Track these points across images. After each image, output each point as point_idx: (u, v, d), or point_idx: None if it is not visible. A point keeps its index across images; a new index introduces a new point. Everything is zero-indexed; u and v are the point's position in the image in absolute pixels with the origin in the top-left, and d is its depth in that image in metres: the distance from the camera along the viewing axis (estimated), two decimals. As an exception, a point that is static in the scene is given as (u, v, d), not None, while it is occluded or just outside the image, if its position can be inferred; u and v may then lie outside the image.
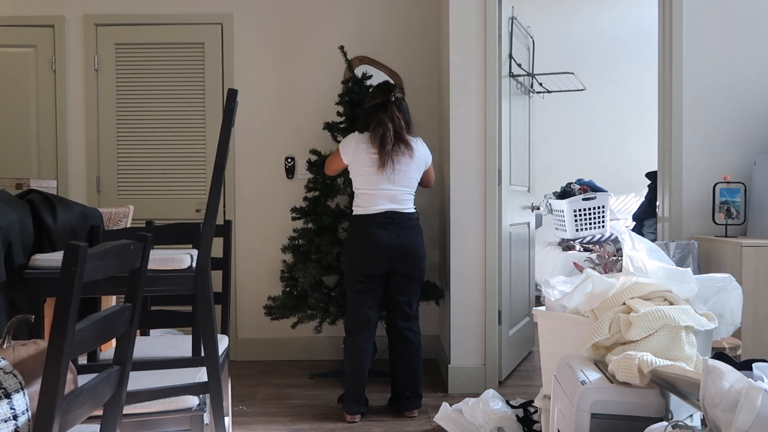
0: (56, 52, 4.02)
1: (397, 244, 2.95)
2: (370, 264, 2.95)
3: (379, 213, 2.96)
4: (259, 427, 2.91)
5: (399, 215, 2.99)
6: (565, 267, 4.02)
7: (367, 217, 2.98)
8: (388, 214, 2.96)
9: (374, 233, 2.94)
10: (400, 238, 2.96)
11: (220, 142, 1.89)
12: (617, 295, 1.95)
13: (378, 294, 3.04)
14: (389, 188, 2.97)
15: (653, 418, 1.58)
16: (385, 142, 2.93)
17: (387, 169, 2.94)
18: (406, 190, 3.03)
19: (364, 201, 3.00)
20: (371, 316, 3.03)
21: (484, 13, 3.36)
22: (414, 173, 3.04)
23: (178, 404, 1.85)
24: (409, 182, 3.03)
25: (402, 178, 2.98)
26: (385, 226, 2.96)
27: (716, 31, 3.18)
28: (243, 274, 4.08)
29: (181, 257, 1.93)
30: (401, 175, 2.98)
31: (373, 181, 2.97)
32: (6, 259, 1.89)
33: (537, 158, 4.71)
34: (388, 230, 2.96)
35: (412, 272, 3.02)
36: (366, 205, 2.99)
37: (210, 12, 4.05)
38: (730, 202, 3.03)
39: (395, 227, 2.97)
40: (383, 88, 3.08)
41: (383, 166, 2.93)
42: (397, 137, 2.96)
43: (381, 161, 2.93)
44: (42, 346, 1.33)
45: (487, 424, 2.59)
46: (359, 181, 3.02)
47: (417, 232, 3.03)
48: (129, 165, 4.05)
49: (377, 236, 2.94)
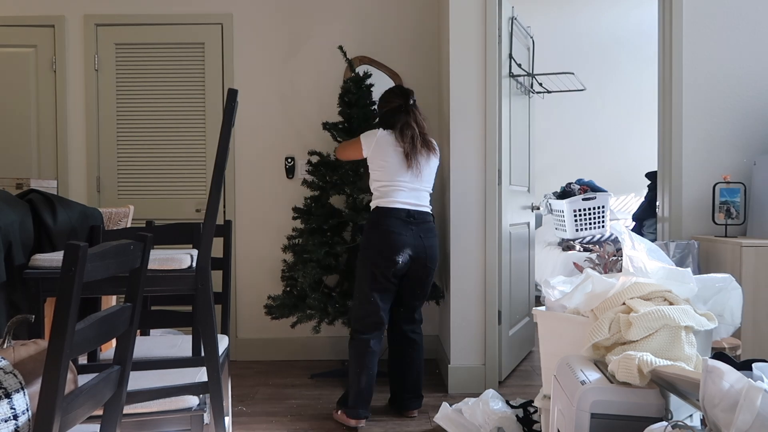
0: (56, 52, 4.02)
1: (419, 245, 2.93)
2: (394, 263, 2.89)
3: (402, 209, 2.92)
4: (259, 427, 2.91)
5: (420, 214, 2.96)
6: (565, 267, 4.02)
7: (389, 212, 2.92)
8: (411, 213, 2.93)
9: (398, 232, 2.89)
10: (422, 239, 2.94)
11: (220, 142, 1.89)
12: (617, 295, 1.95)
13: (393, 296, 3.00)
14: (411, 183, 2.96)
15: (653, 418, 1.58)
16: (415, 142, 2.96)
17: (413, 168, 2.95)
18: (426, 187, 3.04)
19: (384, 193, 2.96)
20: (385, 319, 2.98)
21: (484, 13, 3.36)
22: (433, 174, 3.08)
23: (178, 404, 1.85)
24: (429, 181, 3.05)
25: (425, 176, 3.00)
26: (408, 225, 2.92)
27: (716, 31, 3.18)
28: (243, 274, 4.08)
29: (181, 257, 1.93)
30: (424, 174, 3.00)
31: (394, 174, 2.95)
32: (6, 259, 1.89)
33: (537, 158, 4.71)
34: (410, 229, 2.92)
35: (427, 276, 3.01)
36: (387, 197, 2.95)
37: (210, 12, 4.05)
38: (730, 202, 3.04)
39: (417, 227, 2.94)
40: (400, 92, 3.09)
41: (411, 164, 2.94)
42: (423, 138, 3.00)
43: (409, 160, 2.94)
44: (42, 346, 1.33)
45: (487, 424, 2.59)
46: (380, 174, 2.99)
47: (435, 234, 3.04)
48: (129, 165, 4.05)
49: (402, 235, 2.89)
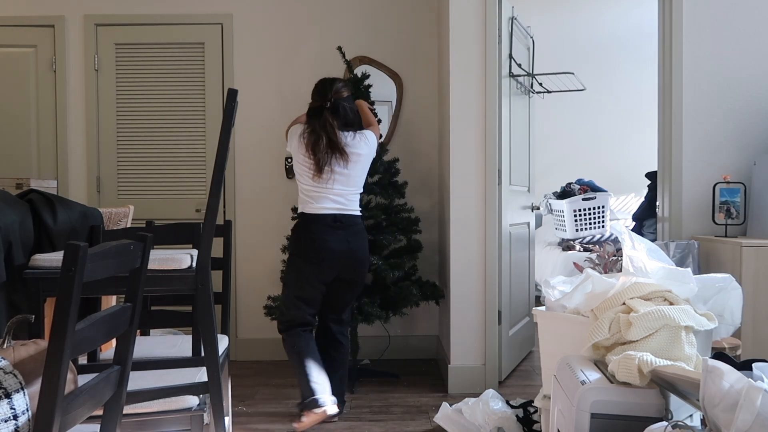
0: (56, 52, 4.02)
1: (345, 249, 2.85)
2: (319, 270, 2.84)
3: (328, 215, 2.84)
4: (259, 427, 2.90)
5: (347, 218, 2.88)
6: (565, 267, 4.02)
7: (315, 218, 2.85)
8: (337, 218, 2.85)
9: (324, 238, 2.82)
10: (349, 243, 2.86)
11: (220, 142, 1.89)
12: (617, 295, 1.95)
13: (320, 299, 2.93)
14: (336, 188, 2.86)
15: (653, 418, 1.58)
16: (319, 153, 2.80)
17: (329, 179, 2.83)
18: (352, 190, 2.92)
19: (309, 199, 2.87)
20: (311, 321, 2.94)
21: (484, 13, 3.36)
22: (360, 173, 2.92)
23: (178, 404, 1.85)
24: (355, 184, 2.92)
25: (350, 180, 2.88)
26: (335, 231, 2.84)
27: (716, 31, 3.18)
28: (243, 274, 4.08)
29: (181, 257, 1.93)
30: (348, 178, 2.87)
31: (313, 179, 2.84)
32: (6, 259, 1.89)
33: (537, 158, 4.71)
34: (337, 235, 2.84)
35: (356, 278, 2.95)
36: (312, 204, 2.86)
37: (210, 12, 4.04)
38: (730, 202, 3.04)
39: (344, 231, 2.86)
40: (321, 89, 2.92)
41: (323, 176, 2.81)
42: (331, 145, 2.81)
43: (321, 172, 2.80)
44: (42, 346, 1.33)
45: (487, 424, 2.59)
46: (302, 177, 2.89)
47: (364, 237, 2.96)
48: (129, 165, 4.05)
49: (327, 241, 2.82)
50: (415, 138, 4.09)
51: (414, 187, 3.97)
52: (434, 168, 4.06)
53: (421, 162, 4.05)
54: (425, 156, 4.05)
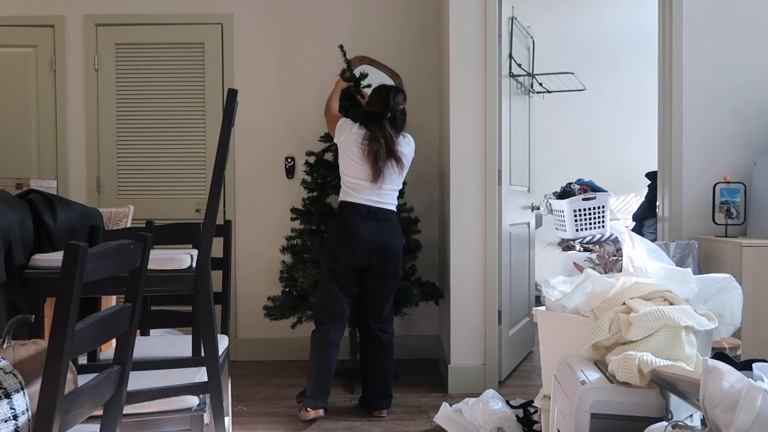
0: (56, 52, 4.02)
1: (377, 240, 2.95)
2: (350, 256, 2.94)
3: (363, 205, 2.97)
4: (259, 427, 2.90)
5: (381, 211, 3.00)
6: (565, 267, 4.01)
7: (352, 207, 2.98)
8: (372, 209, 2.98)
9: (356, 225, 2.94)
10: (381, 234, 2.97)
11: (220, 142, 1.89)
12: (617, 295, 1.95)
13: (354, 288, 3.03)
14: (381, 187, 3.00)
15: (653, 418, 1.58)
16: (378, 157, 2.95)
17: (377, 179, 2.97)
18: (391, 187, 3.05)
19: (350, 188, 3.01)
20: (346, 310, 3.01)
21: (484, 13, 3.36)
22: (404, 173, 3.09)
23: (178, 404, 1.85)
24: (398, 182, 3.08)
25: (392, 180, 3.03)
26: (368, 220, 2.96)
27: (716, 32, 3.18)
28: (243, 274, 4.08)
29: (181, 257, 1.93)
30: (391, 179, 3.02)
31: (358, 173, 2.99)
32: (6, 259, 1.89)
33: (537, 158, 4.71)
34: (369, 224, 2.96)
35: (388, 270, 3.01)
36: (352, 193, 3.00)
37: (210, 12, 4.05)
38: (730, 202, 3.04)
39: (377, 223, 2.97)
40: (384, 100, 3.02)
41: (375, 176, 2.96)
42: (389, 153, 2.97)
43: (373, 171, 2.96)
44: (42, 346, 1.33)
45: (487, 424, 2.59)
46: (347, 168, 3.03)
47: (398, 231, 3.05)
48: (129, 165, 4.05)
49: (360, 229, 2.94)
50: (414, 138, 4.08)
51: (414, 187, 3.98)
52: (434, 168, 4.06)
53: (421, 162, 4.05)
54: (425, 156, 4.05)
